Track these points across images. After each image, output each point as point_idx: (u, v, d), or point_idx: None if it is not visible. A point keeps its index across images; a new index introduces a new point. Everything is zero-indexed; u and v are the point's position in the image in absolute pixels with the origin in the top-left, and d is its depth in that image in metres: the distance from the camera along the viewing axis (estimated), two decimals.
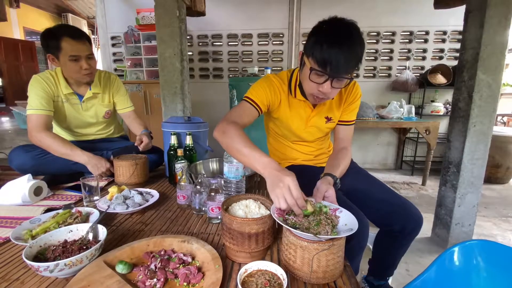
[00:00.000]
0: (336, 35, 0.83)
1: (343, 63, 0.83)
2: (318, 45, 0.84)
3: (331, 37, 0.83)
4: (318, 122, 1.12)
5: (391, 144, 3.79)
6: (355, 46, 0.83)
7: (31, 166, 1.24)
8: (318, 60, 0.85)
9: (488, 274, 0.79)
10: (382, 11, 3.38)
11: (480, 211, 2.40)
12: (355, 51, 0.83)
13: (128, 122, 1.62)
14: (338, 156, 1.07)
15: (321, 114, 1.11)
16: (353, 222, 0.69)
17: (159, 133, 1.42)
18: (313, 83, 0.91)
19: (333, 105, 1.11)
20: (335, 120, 1.13)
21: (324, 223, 0.67)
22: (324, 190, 0.85)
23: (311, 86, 0.93)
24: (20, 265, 0.68)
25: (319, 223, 0.67)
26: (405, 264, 1.68)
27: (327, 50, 0.82)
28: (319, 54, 0.84)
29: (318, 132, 1.16)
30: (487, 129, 1.69)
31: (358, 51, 0.84)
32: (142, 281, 0.59)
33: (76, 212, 0.87)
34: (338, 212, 0.74)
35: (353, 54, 0.83)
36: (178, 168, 1.15)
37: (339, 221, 0.71)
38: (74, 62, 1.29)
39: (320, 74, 0.88)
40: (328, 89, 0.90)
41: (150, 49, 3.45)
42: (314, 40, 0.86)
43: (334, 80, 0.87)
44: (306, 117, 1.11)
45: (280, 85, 1.08)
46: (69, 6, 7.21)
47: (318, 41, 0.84)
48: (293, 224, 0.68)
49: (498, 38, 1.58)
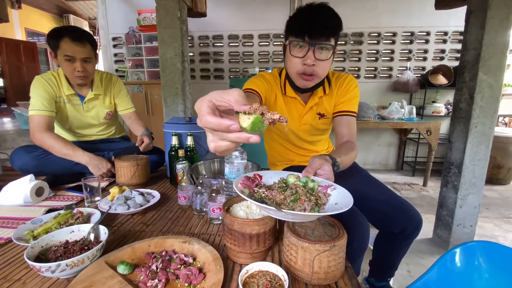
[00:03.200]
0: (309, 8, 0.89)
1: (318, 27, 0.86)
2: (294, 20, 0.91)
3: (305, 10, 0.89)
4: (311, 119, 1.11)
5: (392, 144, 3.79)
6: (327, 11, 0.88)
7: (33, 166, 1.25)
8: (296, 31, 0.89)
9: (489, 275, 0.79)
10: (383, 11, 3.37)
11: (482, 212, 2.39)
12: (328, 16, 0.87)
13: (129, 123, 1.62)
14: (341, 146, 0.99)
15: (313, 110, 1.11)
16: (346, 201, 0.58)
17: (160, 134, 1.42)
18: (296, 58, 0.92)
19: (325, 100, 1.10)
20: (328, 116, 1.12)
21: (304, 199, 0.56)
22: (317, 165, 0.71)
23: (295, 62, 0.93)
24: (22, 266, 0.68)
25: (296, 200, 0.56)
26: (407, 265, 1.67)
27: (302, 20, 0.88)
28: (295, 25, 0.90)
29: (313, 130, 1.15)
30: (489, 129, 1.68)
31: (332, 17, 0.88)
32: (144, 281, 0.60)
33: (77, 213, 0.87)
34: (330, 189, 0.63)
35: (328, 19, 0.87)
36: (179, 168, 1.15)
37: (329, 199, 0.61)
38: (68, 62, 1.30)
39: (300, 46, 0.90)
40: (312, 60, 0.90)
41: (151, 50, 3.46)
42: (291, 19, 0.93)
43: (315, 49, 0.89)
44: (298, 115, 1.11)
45: (273, 81, 1.08)
46: (70, 7, 7.24)
47: (294, 17, 0.91)
48: (261, 198, 0.59)
49: (499, 38, 1.58)
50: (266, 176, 0.66)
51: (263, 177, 0.66)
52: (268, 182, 0.66)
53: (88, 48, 1.32)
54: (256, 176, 0.65)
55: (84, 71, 1.33)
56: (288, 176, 0.65)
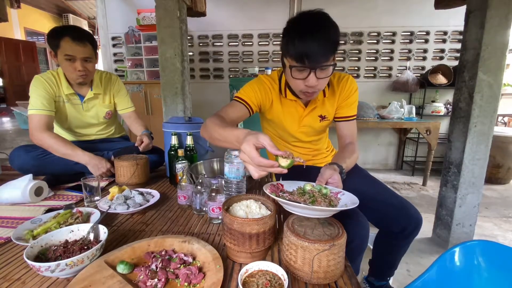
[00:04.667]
0: (304, 27, 0.84)
1: (318, 52, 0.83)
2: (290, 43, 0.85)
3: (300, 30, 0.84)
4: (312, 121, 1.11)
5: (391, 144, 3.79)
6: (326, 31, 0.83)
7: (32, 166, 1.25)
8: (295, 56, 0.86)
9: (489, 275, 0.79)
10: (382, 11, 3.38)
11: (481, 212, 2.39)
12: (327, 36, 0.83)
13: (129, 123, 1.62)
14: (344, 150, 1.06)
15: (314, 113, 1.11)
16: (354, 202, 0.67)
17: (160, 134, 1.42)
18: (298, 80, 0.91)
19: (326, 102, 1.10)
20: (329, 118, 1.12)
21: (320, 200, 0.65)
22: (328, 175, 0.83)
23: (297, 83, 0.93)
24: (21, 265, 0.68)
25: (314, 202, 0.65)
26: (406, 264, 1.67)
27: (299, 44, 0.83)
28: (293, 51, 0.85)
29: (313, 132, 1.15)
30: (488, 129, 1.68)
31: (330, 35, 0.84)
32: (143, 281, 0.60)
33: (77, 212, 0.87)
34: (340, 195, 0.72)
35: (326, 39, 0.83)
36: (179, 168, 1.15)
37: (340, 202, 0.70)
38: (68, 62, 1.30)
39: (301, 70, 0.88)
40: (314, 82, 0.88)
41: (150, 49, 3.46)
42: (286, 40, 0.87)
43: (317, 71, 0.87)
44: (298, 117, 1.11)
45: (271, 85, 1.08)
46: (70, 6, 7.23)
47: (290, 39, 0.85)
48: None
49: (498, 38, 1.58)
50: (286, 185, 0.75)
51: (284, 186, 0.75)
52: (288, 190, 0.74)
53: (88, 47, 1.32)
54: (279, 184, 0.75)
55: (84, 71, 1.33)
56: (305, 184, 0.74)
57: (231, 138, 0.73)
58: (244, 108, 1.02)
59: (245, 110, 1.02)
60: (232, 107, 1.01)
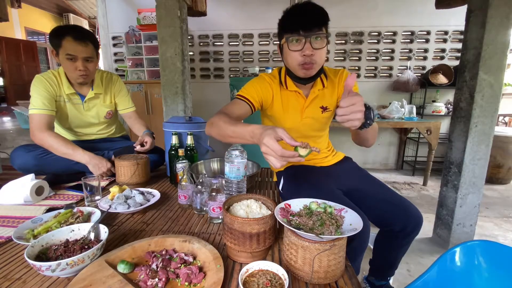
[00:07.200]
0: (295, 7, 0.97)
1: (310, 19, 0.92)
2: (286, 19, 0.98)
3: (293, 8, 0.97)
4: (314, 112, 1.12)
5: (392, 144, 3.79)
6: (316, 6, 0.94)
7: (33, 165, 1.25)
8: (290, 28, 0.95)
9: (489, 275, 0.79)
10: (383, 11, 3.37)
11: (482, 212, 2.39)
12: (317, 9, 0.94)
13: (129, 123, 1.62)
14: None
15: (316, 104, 1.11)
16: (357, 221, 0.68)
17: (160, 133, 1.42)
18: (295, 52, 0.96)
19: (326, 93, 1.12)
20: (331, 109, 1.13)
21: (328, 223, 0.67)
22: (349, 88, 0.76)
23: (295, 55, 0.98)
24: (22, 265, 0.68)
25: (323, 224, 0.66)
26: (406, 264, 1.67)
27: (293, 18, 0.95)
28: (287, 24, 0.97)
29: (316, 123, 1.15)
30: (489, 129, 1.68)
31: (320, 9, 0.94)
32: (144, 280, 0.60)
33: (77, 212, 0.87)
34: (343, 212, 0.74)
35: (317, 10, 0.93)
36: (179, 168, 1.15)
37: (344, 221, 0.71)
38: (70, 61, 1.30)
39: (296, 40, 0.95)
40: (310, 50, 0.94)
41: (151, 49, 3.46)
42: (282, 19, 1.00)
43: (311, 40, 0.93)
44: (300, 108, 1.12)
45: (271, 80, 1.11)
46: (70, 6, 7.23)
47: (285, 16, 0.98)
48: (297, 225, 0.68)
49: (499, 38, 1.58)
50: (293, 205, 0.77)
51: (291, 205, 0.77)
52: (295, 209, 0.76)
53: (90, 47, 1.32)
54: (286, 205, 0.77)
55: (85, 70, 1.33)
56: (310, 203, 0.77)
57: (246, 134, 0.78)
58: (246, 105, 1.04)
59: (248, 108, 1.04)
60: (235, 105, 1.03)
